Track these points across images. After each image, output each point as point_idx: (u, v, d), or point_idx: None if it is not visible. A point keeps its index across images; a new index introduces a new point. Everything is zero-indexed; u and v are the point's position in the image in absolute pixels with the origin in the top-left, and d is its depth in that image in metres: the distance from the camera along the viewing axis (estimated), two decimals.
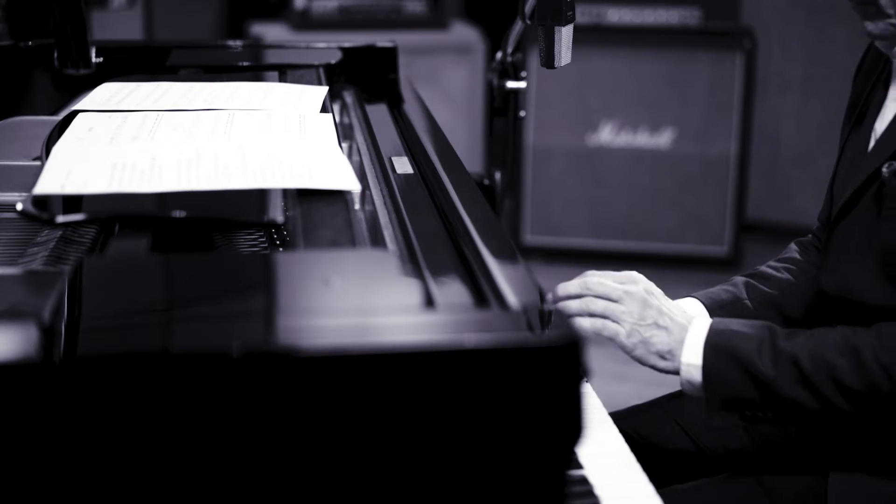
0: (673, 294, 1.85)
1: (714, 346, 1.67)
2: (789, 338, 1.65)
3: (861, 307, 1.77)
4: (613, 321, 1.71)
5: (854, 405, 1.61)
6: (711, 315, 1.87)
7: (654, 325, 1.70)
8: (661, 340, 1.69)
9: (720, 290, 1.94)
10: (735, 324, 1.70)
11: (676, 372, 1.69)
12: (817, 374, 1.61)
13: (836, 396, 1.61)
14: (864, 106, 1.85)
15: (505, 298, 1.22)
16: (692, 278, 4.27)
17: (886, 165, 1.70)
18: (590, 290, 1.73)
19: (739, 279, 1.96)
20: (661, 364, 1.70)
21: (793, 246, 2.03)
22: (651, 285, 1.76)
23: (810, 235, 2.04)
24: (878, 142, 1.77)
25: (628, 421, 1.90)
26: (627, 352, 1.71)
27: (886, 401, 1.60)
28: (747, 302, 1.91)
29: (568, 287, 1.76)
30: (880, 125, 1.80)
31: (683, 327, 1.69)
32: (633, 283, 1.73)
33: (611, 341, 1.72)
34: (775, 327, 1.67)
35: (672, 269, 4.52)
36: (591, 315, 1.72)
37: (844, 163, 1.86)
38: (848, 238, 1.79)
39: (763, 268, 1.99)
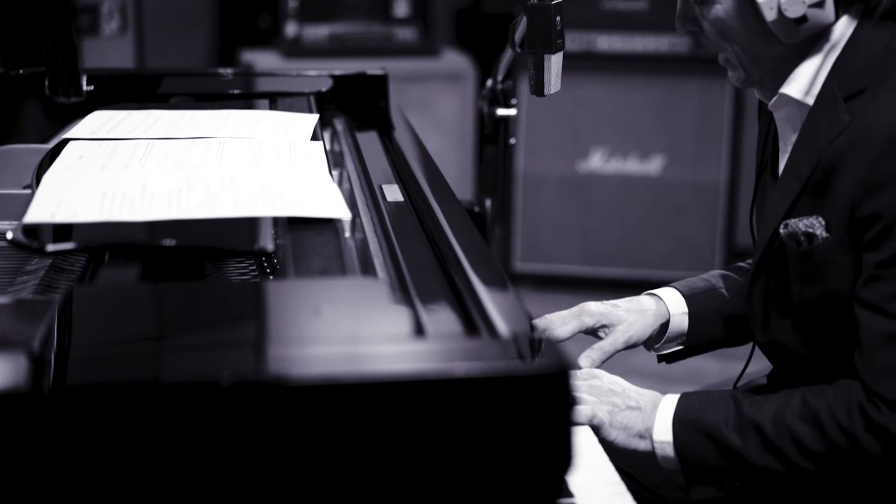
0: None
1: (682, 421, 1.70)
2: (754, 405, 1.68)
3: (795, 359, 1.78)
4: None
5: (819, 466, 1.64)
6: (687, 300, 1.93)
7: (627, 408, 1.72)
8: (636, 421, 1.72)
9: (697, 279, 1.99)
10: (702, 396, 1.74)
11: (653, 451, 1.72)
12: (781, 441, 1.65)
13: (800, 460, 1.65)
14: (767, 157, 1.85)
15: (495, 327, 1.22)
16: None
17: (782, 227, 1.70)
18: None
19: (716, 272, 2.01)
20: (642, 445, 1.72)
21: None
22: (613, 376, 1.79)
23: None
24: (770, 198, 1.78)
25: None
26: (611, 440, 1.72)
27: (851, 459, 1.63)
28: (723, 290, 1.95)
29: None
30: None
31: (654, 404, 1.73)
32: (595, 378, 1.76)
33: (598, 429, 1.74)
34: (739, 395, 1.70)
35: None
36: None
37: (759, 214, 1.86)
38: (767, 297, 1.79)
39: (741, 263, 2.04)
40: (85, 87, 2.14)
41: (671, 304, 1.94)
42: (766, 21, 1.65)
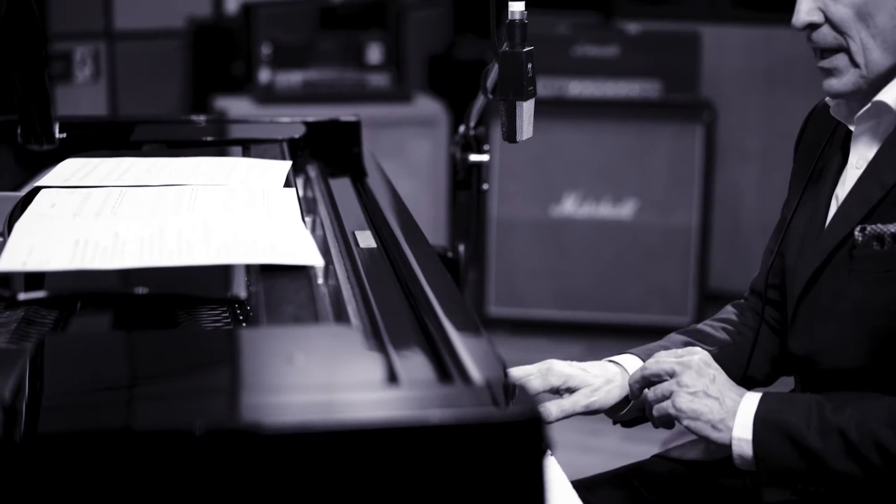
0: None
1: (763, 420, 1.68)
2: (836, 409, 1.66)
3: (833, 372, 1.79)
4: (666, 397, 1.73)
5: None
6: None
7: (705, 395, 1.71)
8: (712, 410, 1.70)
9: (657, 345, 1.97)
10: (784, 397, 1.72)
11: (729, 444, 1.70)
12: (864, 445, 1.63)
13: (882, 466, 1.63)
14: (816, 175, 1.87)
15: (468, 373, 1.22)
16: None
17: (859, 229, 1.73)
18: (647, 370, 1.78)
19: (677, 337, 1.99)
20: (714, 435, 1.70)
21: (729, 308, 2.06)
22: (708, 357, 1.77)
23: (743, 300, 2.06)
24: (842, 207, 1.79)
25: (591, 491, 1.90)
26: (681, 422, 1.72)
27: None
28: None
29: (633, 383, 1.82)
30: (842, 191, 1.82)
31: (735, 400, 1.71)
32: (690, 355, 1.75)
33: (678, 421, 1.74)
34: (822, 399, 1.69)
35: (636, 340, 4.48)
36: (657, 401, 1.75)
37: (795, 233, 1.88)
38: (818, 305, 1.80)
39: (700, 326, 2.03)
40: (57, 135, 2.14)
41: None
42: None
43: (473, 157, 2.35)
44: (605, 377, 1.88)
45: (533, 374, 1.85)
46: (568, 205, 4.88)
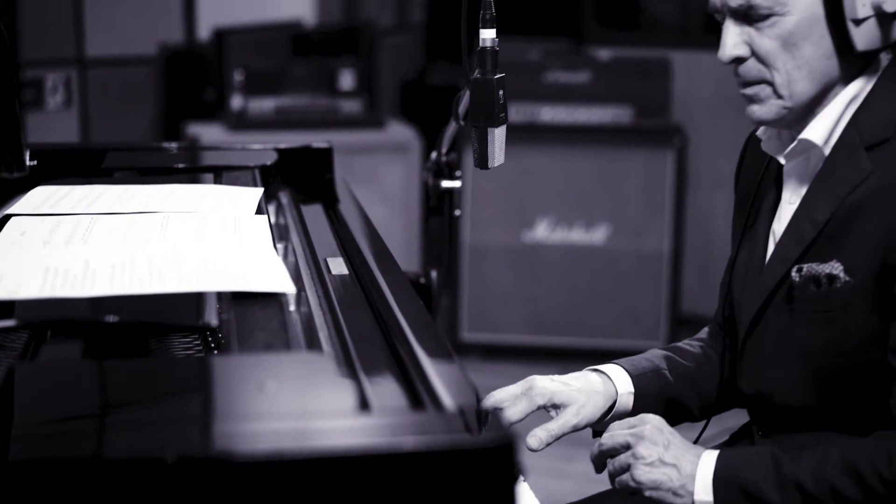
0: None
1: (722, 480, 1.69)
2: (793, 461, 1.67)
3: (783, 409, 1.80)
4: (625, 470, 1.74)
5: None
6: (634, 381, 1.91)
7: (661, 463, 1.71)
8: (671, 478, 1.70)
9: (641, 358, 1.97)
10: (741, 454, 1.73)
11: None
12: (821, 495, 1.64)
13: None
14: (755, 209, 1.88)
15: (440, 400, 1.22)
16: None
17: (795, 269, 1.73)
18: (603, 446, 1.78)
19: (658, 352, 1.99)
20: (677, 501, 1.71)
21: (706, 329, 2.07)
22: (661, 422, 1.77)
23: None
24: (778, 246, 1.80)
25: None
26: (643, 493, 1.72)
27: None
28: (667, 373, 1.94)
29: (593, 459, 1.82)
30: (778, 227, 1.83)
31: (693, 462, 1.71)
32: (644, 424, 1.75)
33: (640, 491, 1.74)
34: (778, 453, 1.69)
35: None
36: (616, 474, 1.76)
37: (741, 266, 1.89)
38: (762, 345, 1.81)
39: (680, 343, 2.04)
40: (28, 162, 2.13)
41: (619, 384, 1.91)
42: (854, 19, 1.67)
43: (445, 184, 2.35)
44: (588, 389, 1.88)
45: (517, 395, 1.85)
46: (540, 230, 4.89)
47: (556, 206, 4.88)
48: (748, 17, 1.73)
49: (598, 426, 1.91)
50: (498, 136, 1.87)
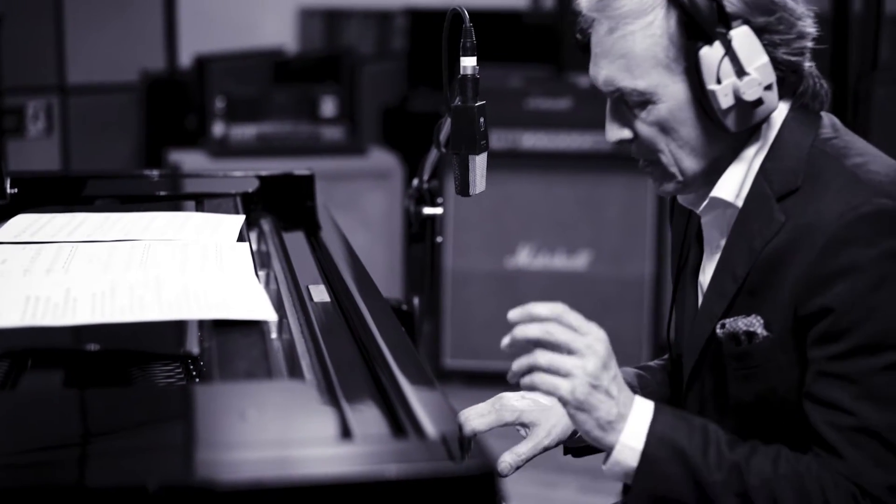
0: None
1: (659, 437, 1.59)
2: (732, 446, 1.61)
3: None
4: (561, 374, 1.58)
5: None
6: None
7: (604, 392, 1.58)
8: (606, 409, 1.57)
9: None
10: (678, 418, 1.63)
11: (608, 447, 1.60)
12: (758, 494, 1.58)
13: None
14: (683, 259, 1.88)
15: (423, 427, 1.22)
16: None
17: (719, 326, 1.72)
18: (550, 336, 1.61)
19: (629, 370, 1.97)
20: (598, 433, 1.58)
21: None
22: (610, 347, 1.63)
23: None
24: (704, 302, 1.78)
25: None
26: (567, 408, 1.58)
27: None
28: (637, 390, 1.92)
29: (527, 330, 1.65)
30: (704, 279, 1.82)
31: (626, 404, 1.60)
32: (598, 342, 1.61)
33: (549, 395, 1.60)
34: (717, 430, 1.62)
35: None
36: (545, 370, 1.59)
37: (679, 314, 1.88)
38: (702, 398, 1.80)
39: (650, 363, 2.03)
40: (9, 190, 2.13)
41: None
42: (719, 109, 1.66)
43: (427, 210, 2.35)
44: (559, 408, 1.81)
45: (484, 410, 1.83)
46: (522, 256, 4.90)
47: (538, 232, 4.89)
48: (625, 103, 1.74)
49: (570, 443, 1.88)
50: (479, 163, 1.88)
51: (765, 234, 1.67)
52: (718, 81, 1.65)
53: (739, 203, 1.73)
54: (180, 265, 1.70)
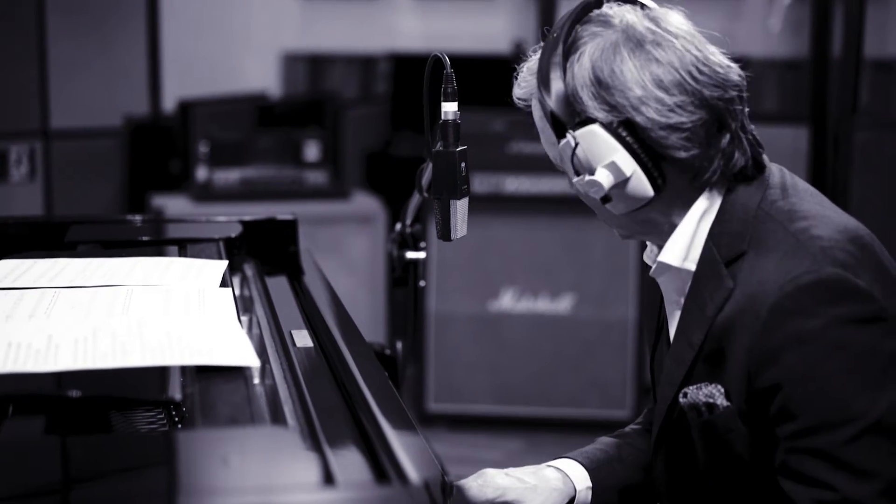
0: None
1: None
2: None
3: None
4: None
5: None
6: (591, 475, 1.87)
7: None
8: None
9: (593, 449, 1.94)
10: None
11: None
12: None
13: None
14: (654, 316, 1.88)
15: (406, 473, 1.22)
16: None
17: (682, 395, 1.70)
18: None
19: (609, 440, 1.97)
20: None
21: (647, 410, 2.05)
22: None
23: None
24: (666, 368, 1.76)
25: None
26: None
27: None
28: (621, 461, 1.92)
29: None
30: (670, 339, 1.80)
31: None
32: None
33: None
34: None
35: (575, 434, 4.53)
36: None
37: (657, 374, 1.85)
38: (670, 466, 1.79)
39: (627, 429, 2.02)
40: None
41: (576, 480, 1.88)
42: (588, 198, 1.70)
43: (410, 255, 2.36)
44: (545, 486, 1.84)
45: (468, 486, 1.81)
46: (506, 300, 4.90)
47: (521, 275, 4.89)
48: None
49: None
50: (460, 208, 1.88)
51: (716, 301, 1.65)
52: (578, 174, 1.68)
53: (689, 266, 1.71)
54: (163, 310, 1.70)
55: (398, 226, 2.37)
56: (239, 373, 1.51)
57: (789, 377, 1.57)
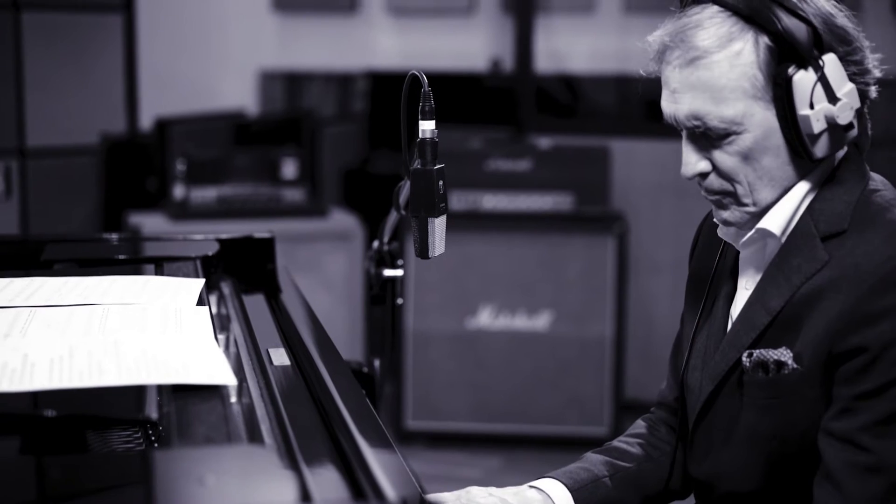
0: None
1: None
2: None
3: (732, 496, 1.80)
4: None
5: None
6: (574, 495, 1.87)
7: None
8: None
9: (577, 468, 1.93)
10: None
11: None
12: None
13: None
14: (712, 294, 1.90)
15: (382, 491, 1.22)
16: (574, 459, 4.28)
17: (746, 355, 1.75)
18: None
19: (595, 457, 1.96)
20: None
21: (640, 422, 2.06)
22: None
23: (652, 413, 2.07)
24: (731, 331, 1.81)
25: None
26: None
27: None
28: (607, 480, 1.91)
29: None
30: (735, 311, 1.84)
31: None
32: None
33: None
34: None
35: (554, 451, 4.53)
36: None
37: (697, 352, 1.89)
38: (712, 429, 1.82)
39: (615, 443, 2.01)
40: None
41: (559, 501, 1.88)
42: (809, 134, 1.69)
43: (388, 272, 2.36)
44: None
45: (450, 501, 1.81)
46: (483, 317, 4.91)
47: (499, 292, 4.90)
48: (706, 136, 1.74)
49: None
50: (438, 226, 1.89)
51: (805, 271, 1.71)
52: (811, 107, 1.68)
53: (783, 238, 1.76)
54: (139, 329, 1.69)
55: (376, 243, 2.37)
56: (216, 392, 1.50)
57: (878, 341, 1.64)
